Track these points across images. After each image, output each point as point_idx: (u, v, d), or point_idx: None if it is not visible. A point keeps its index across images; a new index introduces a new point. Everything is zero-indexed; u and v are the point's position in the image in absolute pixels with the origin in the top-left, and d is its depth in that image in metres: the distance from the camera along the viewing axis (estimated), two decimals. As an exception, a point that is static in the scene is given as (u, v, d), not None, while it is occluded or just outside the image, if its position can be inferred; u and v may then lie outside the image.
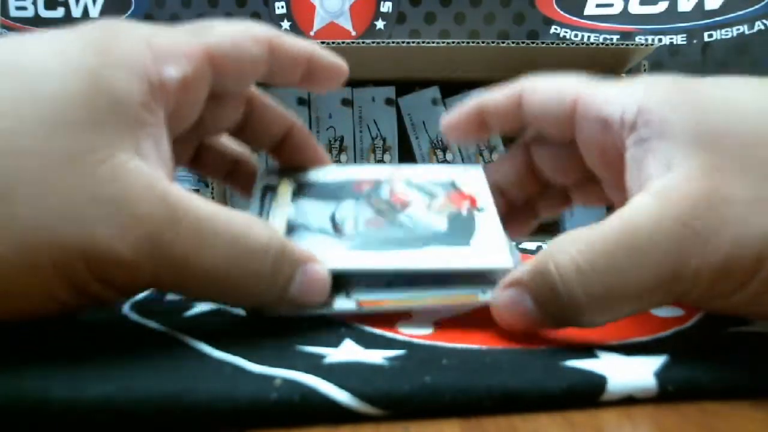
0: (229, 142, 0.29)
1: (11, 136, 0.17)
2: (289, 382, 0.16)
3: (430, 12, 0.85)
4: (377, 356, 0.18)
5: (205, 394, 0.15)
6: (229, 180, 0.30)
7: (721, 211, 0.18)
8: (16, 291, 0.17)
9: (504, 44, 0.66)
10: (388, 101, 0.80)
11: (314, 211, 0.26)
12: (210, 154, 0.29)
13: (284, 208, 0.26)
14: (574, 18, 0.91)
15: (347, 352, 0.19)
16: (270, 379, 0.16)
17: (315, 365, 0.17)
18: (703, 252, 0.18)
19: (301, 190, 0.27)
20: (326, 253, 0.23)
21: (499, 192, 0.30)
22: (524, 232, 0.32)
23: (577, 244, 0.19)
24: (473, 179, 0.29)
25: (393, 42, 0.56)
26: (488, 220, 0.26)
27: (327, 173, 0.28)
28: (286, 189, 0.27)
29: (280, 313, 0.22)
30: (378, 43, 0.56)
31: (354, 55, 0.56)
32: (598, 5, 0.90)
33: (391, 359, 0.18)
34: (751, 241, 0.18)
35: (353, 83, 0.78)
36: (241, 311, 0.23)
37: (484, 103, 0.27)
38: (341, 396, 0.15)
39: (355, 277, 0.24)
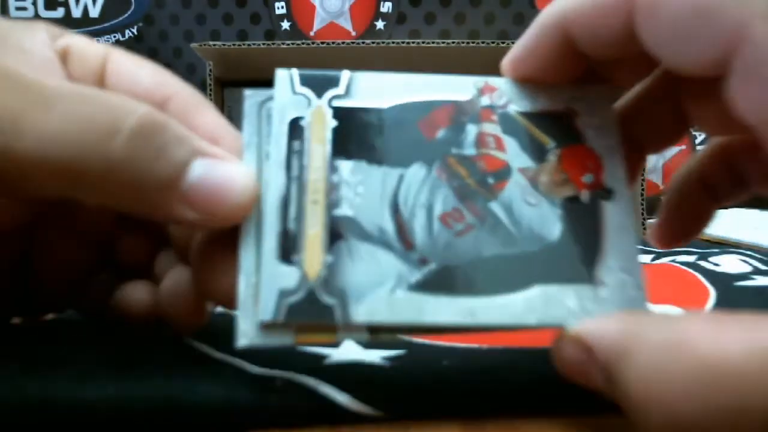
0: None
1: None
2: (289, 383, 0.16)
3: (430, 12, 0.85)
4: (377, 356, 0.18)
5: (205, 395, 0.15)
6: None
7: None
8: None
9: (504, 44, 0.66)
10: (388, 101, 0.79)
11: (366, 190, 0.17)
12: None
13: (321, 187, 0.17)
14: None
15: (347, 352, 0.19)
16: (270, 380, 0.16)
17: (315, 366, 0.17)
18: None
19: (343, 136, 0.18)
20: (386, 290, 0.16)
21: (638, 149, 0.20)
22: (690, 237, 0.22)
23: (679, 355, 0.12)
24: (599, 113, 0.18)
25: (393, 42, 0.56)
26: (620, 218, 0.17)
27: (379, 89, 0.18)
28: (320, 130, 0.18)
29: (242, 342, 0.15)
30: (378, 43, 0.56)
31: (354, 55, 0.56)
32: (598, 5, 0.90)
33: (391, 359, 0.18)
34: None
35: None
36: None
37: (569, 15, 0.17)
38: (341, 397, 0.15)
39: None
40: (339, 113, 0.18)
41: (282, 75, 0.18)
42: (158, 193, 0.15)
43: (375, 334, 0.15)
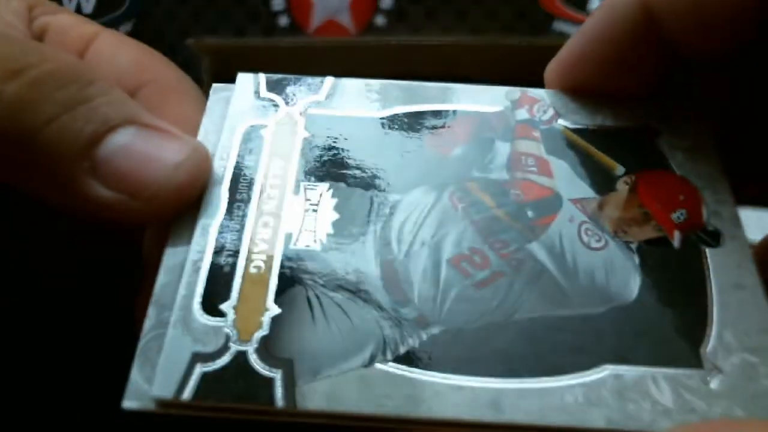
0: None
1: None
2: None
3: (431, 8, 0.84)
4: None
5: None
6: None
7: None
8: None
9: (507, 41, 0.65)
10: (388, 99, 0.79)
11: (343, 218, 0.12)
12: None
13: (274, 212, 0.12)
14: (578, 13, 0.90)
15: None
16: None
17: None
18: None
19: (317, 150, 0.13)
20: (359, 362, 0.11)
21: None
22: None
23: None
24: (690, 135, 0.13)
25: (393, 39, 0.55)
26: (735, 273, 0.12)
27: (371, 97, 0.14)
28: (285, 142, 0.13)
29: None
30: (378, 39, 0.55)
31: (353, 51, 0.56)
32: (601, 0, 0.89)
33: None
34: None
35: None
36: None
37: None
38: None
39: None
40: (314, 122, 0.14)
41: (244, 79, 0.15)
42: (61, 160, 0.11)
43: None
